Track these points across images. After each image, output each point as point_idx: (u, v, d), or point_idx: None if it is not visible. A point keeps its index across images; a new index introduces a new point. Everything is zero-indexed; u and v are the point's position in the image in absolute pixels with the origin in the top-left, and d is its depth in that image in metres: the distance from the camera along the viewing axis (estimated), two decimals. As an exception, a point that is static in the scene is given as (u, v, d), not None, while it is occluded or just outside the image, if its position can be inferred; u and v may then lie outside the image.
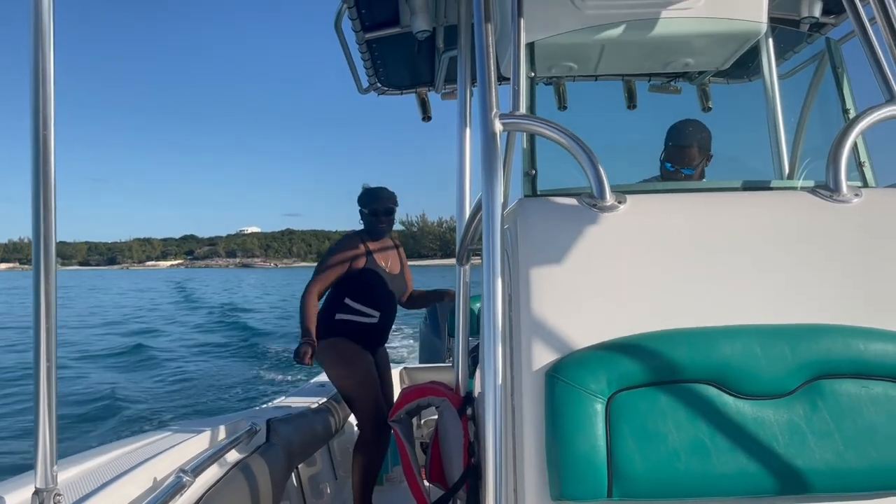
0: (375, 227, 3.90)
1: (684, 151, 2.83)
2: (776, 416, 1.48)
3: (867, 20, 1.82)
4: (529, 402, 1.55)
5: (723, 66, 2.35)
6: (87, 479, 1.79)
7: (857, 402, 1.48)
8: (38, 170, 1.30)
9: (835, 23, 2.72)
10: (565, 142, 1.61)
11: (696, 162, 2.83)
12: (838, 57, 2.11)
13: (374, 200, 3.93)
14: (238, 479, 2.21)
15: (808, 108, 2.37)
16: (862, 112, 1.69)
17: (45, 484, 1.35)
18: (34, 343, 1.31)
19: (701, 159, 2.84)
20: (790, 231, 1.63)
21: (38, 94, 1.29)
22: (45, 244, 1.30)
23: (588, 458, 1.45)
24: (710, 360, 1.48)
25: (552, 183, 1.94)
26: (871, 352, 1.50)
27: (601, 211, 1.63)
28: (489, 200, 1.49)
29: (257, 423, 2.71)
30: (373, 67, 3.29)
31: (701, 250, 1.61)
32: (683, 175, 2.82)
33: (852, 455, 1.45)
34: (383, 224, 3.91)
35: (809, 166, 2.35)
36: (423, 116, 3.79)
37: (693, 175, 2.83)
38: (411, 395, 2.54)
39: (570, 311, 1.57)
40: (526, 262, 1.60)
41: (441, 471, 2.47)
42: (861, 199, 1.66)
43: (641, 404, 1.48)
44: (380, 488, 4.28)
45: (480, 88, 1.65)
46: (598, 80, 2.98)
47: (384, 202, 3.94)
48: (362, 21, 2.74)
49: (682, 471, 1.45)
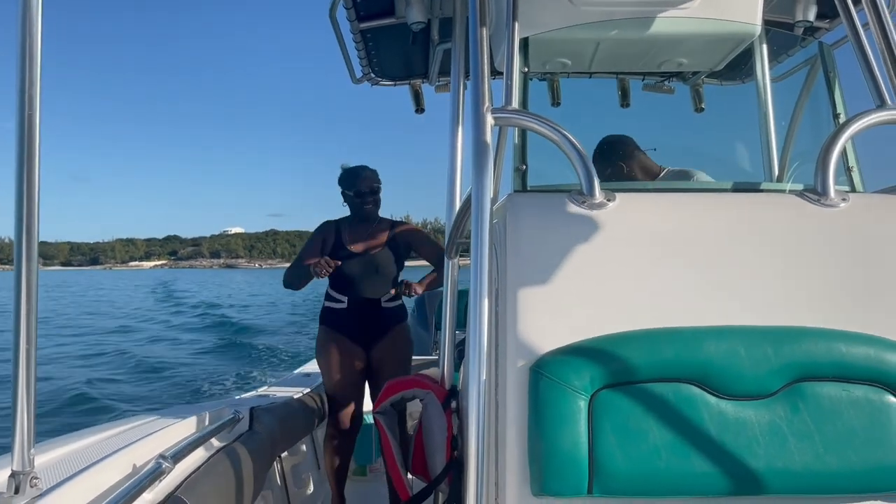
0: (360, 210, 3.73)
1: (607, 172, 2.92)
2: (757, 416, 1.48)
3: (860, 26, 1.83)
4: (513, 397, 1.55)
5: (716, 67, 2.35)
6: (65, 463, 1.77)
7: (838, 405, 1.49)
8: (21, 169, 1.29)
9: (829, 27, 2.73)
10: (556, 138, 1.60)
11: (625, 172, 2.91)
12: (830, 61, 2.12)
13: (356, 181, 3.72)
14: (219, 466, 2.20)
15: (799, 112, 2.38)
16: (852, 117, 1.70)
17: (22, 467, 1.34)
18: (14, 326, 1.29)
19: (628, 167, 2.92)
20: (777, 233, 1.64)
21: (24, 93, 1.28)
22: (28, 230, 1.30)
23: (570, 455, 1.46)
24: (693, 360, 1.49)
25: (543, 179, 1.94)
26: (853, 355, 1.51)
27: (590, 208, 1.63)
28: (478, 194, 1.49)
29: (240, 410, 2.70)
30: (367, 58, 3.27)
31: (688, 250, 1.62)
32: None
33: (831, 457, 1.46)
34: (369, 205, 3.72)
35: (799, 169, 2.36)
36: (417, 108, 3.78)
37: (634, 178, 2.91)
38: (396, 387, 2.53)
39: (556, 307, 1.58)
40: (513, 258, 1.60)
41: (423, 463, 2.47)
42: (848, 204, 1.66)
43: (624, 402, 1.48)
44: (363, 479, 4.29)
45: (473, 82, 1.65)
46: (592, 77, 2.98)
47: (367, 182, 3.72)
48: (357, 10, 2.73)
49: (662, 469, 1.45)
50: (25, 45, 1.29)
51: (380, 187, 3.76)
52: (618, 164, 2.94)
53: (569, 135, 1.60)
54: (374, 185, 3.73)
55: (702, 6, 1.97)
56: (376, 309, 3.73)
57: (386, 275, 3.75)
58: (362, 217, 3.75)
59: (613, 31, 2.03)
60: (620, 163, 2.94)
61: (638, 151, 2.99)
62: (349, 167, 3.80)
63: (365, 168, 3.77)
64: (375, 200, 3.74)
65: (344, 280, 3.70)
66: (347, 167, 3.80)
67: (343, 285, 3.72)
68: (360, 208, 3.72)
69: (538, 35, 1.98)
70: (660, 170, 3.00)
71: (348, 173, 3.77)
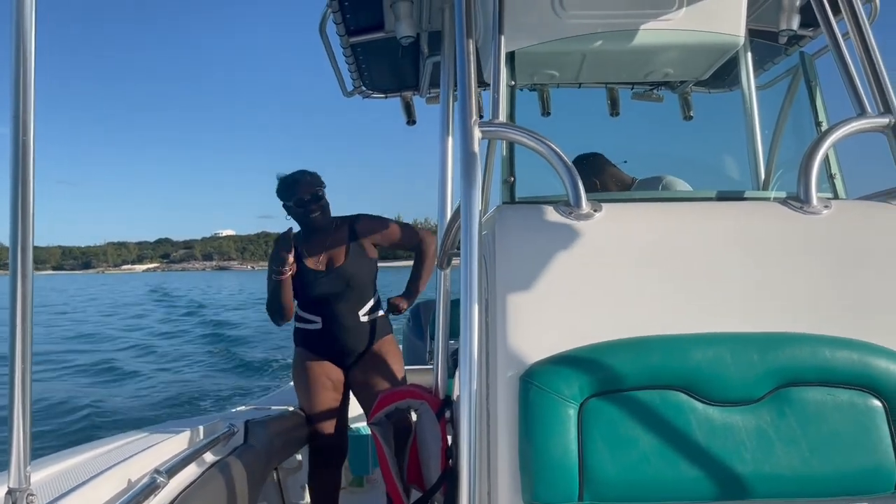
0: (307, 219, 3.34)
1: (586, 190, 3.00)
2: (744, 422, 1.50)
3: (840, 35, 1.86)
4: (504, 407, 1.57)
5: (702, 76, 2.38)
6: (61, 480, 1.79)
7: (823, 409, 1.51)
8: (16, 176, 1.30)
9: (812, 35, 2.76)
10: (542, 150, 1.63)
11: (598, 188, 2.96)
12: (812, 71, 2.16)
13: (295, 189, 3.32)
14: (214, 479, 2.21)
15: (782, 120, 2.42)
16: (833, 125, 1.73)
17: (19, 484, 1.35)
18: (10, 344, 1.31)
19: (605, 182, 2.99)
20: (761, 241, 1.66)
21: (18, 98, 1.29)
22: (23, 244, 1.31)
23: (560, 463, 1.47)
24: (680, 367, 1.51)
25: (532, 190, 1.97)
26: (838, 360, 1.53)
27: (577, 219, 1.66)
28: (467, 206, 1.51)
29: (235, 424, 2.71)
30: (357, 71, 3.30)
31: (675, 258, 1.64)
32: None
33: (818, 461, 1.48)
34: (315, 213, 3.31)
35: (783, 177, 2.39)
36: (408, 120, 3.80)
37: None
38: (390, 397, 2.55)
39: (545, 316, 1.60)
40: (502, 268, 1.62)
41: (419, 473, 2.49)
42: (831, 211, 1.69)
43: (613, 409, 1.50)
44: (360, 490, 4.29)
45: (461, 96, 1.68)
46: (581, 87, 3.01)
47: (306, 188, 3.32)
48: (347, 25, 2.76)
49: (651, 475, 1.47)
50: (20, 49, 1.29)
51: (322, 191, 3.36)
52: (591, 181, 2.98)
53: (555, 147, 1.63)
54: (316, 190, 3.33)
55: (686, 17, 2.00)
56: (355, 324, 3.37)
57: (360, 286, 3.37)
58: (313, 228, 3.37)
59: (599, 43, 2.06)
60: (594, 179, 2.99)
61: (609, 166, 3.04)
62: (284, 175, 3.41)
63: (303, 173, 3.38)
64: (321, 207, 3.34)
65: (314, 301, 3.38)
66: (282, 175, 3.42)
67: (314, 305, 3.39)
68: (306, 219, 3.35)
69: (525, 48, 2.01)
70: (632, 181, 3.05)
71: (284, 183, 3.38)
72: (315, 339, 3.41)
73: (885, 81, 1.73)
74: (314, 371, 3.40)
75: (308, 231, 3.40)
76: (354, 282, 3.35)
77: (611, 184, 3.02)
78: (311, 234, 3.39)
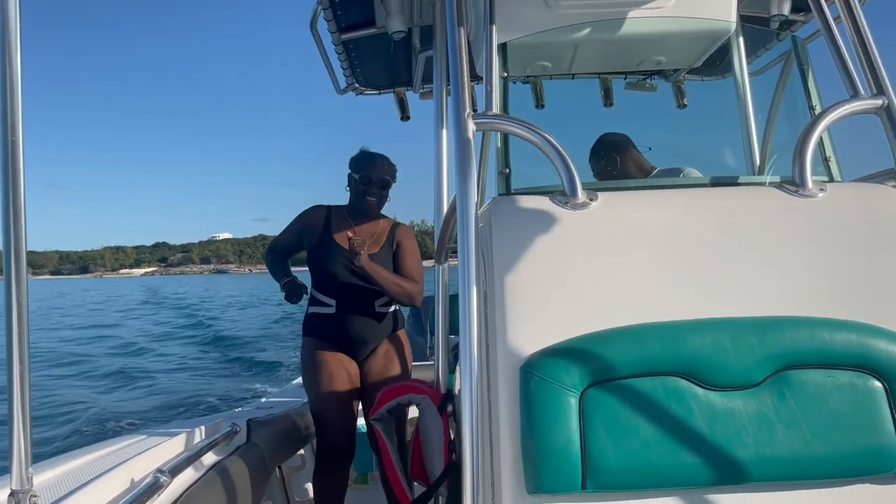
0: (360, 199, 3.24)
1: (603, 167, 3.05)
2: (745, 406, 1.51)
3: (832, 19, 1.86)
4: (505, 398, 1.57)
5: (695, 63, 2.38)
6: (64, 481, 1.79)
7: (823, 392, 1.52)
8: (6, 177, 1.29)
9: (804, 20, 2.76)
10: (537, 140, 1.63)
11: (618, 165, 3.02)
12: (804, 55, 2.15)
13: (367, 165, 3.23)
14: (217, 479, 2.21)
15: (776, 105, 2.42)
16: (827, 108, 1.73)
17: (21, 485, 1.35)
18: (6, 346, 1.31)
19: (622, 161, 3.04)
20: (757, 225, 1.66)
21: (5, 99, 1.28)
22: (16, 247, 1.31)
23: (562, 452, 1.48)
24: (680, 354, 1.51)
25: (528, 181, 1.97)
26: (836, 342, 1.53)
27: (573, 208, 1.66)
28: (463, 199, 1.51)
29: (237, 423, 2.71)
30: (350, 68, 3.30)
31: (671, 245, 1.64)
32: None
33: (819, 443, 1.49)
34: (372, 196, 3.23)
35: (778, 162, 2.39)
36: (402, 116, 3.80)
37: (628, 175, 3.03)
38: (391, 393, 2.55)
39: (543, 307, 1.60)
40: (500, 260, 1.62)
41: (422, 468, 2.49)
42: (826, 194, 1.69)
43: (614, 397, 1.50)
44: (364, 487, 4.28)
45: (454, 89, 1.68)
46: (574, 78, 3.01)
47: (379, 170, 3.22)
48: (338, 22, 2.76)
49: (654, 462, 1.47)
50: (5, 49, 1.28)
51: (391, 182, 3.29)
52: (612, 156, 3.04)
53: (549, 137, 1.63)
54: (386, 178, 3.25)
55: (676, 5, 2.00)
56: (369, 314, 3.25)
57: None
58: (361, 208, 3.27)
59: (591, 33, 2.06)
60: (615, 155, 3.04)
61: (633, 149, 3.08)
62: (368, 151, 3.34)
63: (384, 158, 3.29)
64: (381, 195, 3.27)
65: (332, 280, 3.22)
66: (367, 150, 3.35)
67: (330, 286, 3.23)
68: (361, 197, 3.24)
69: (517, 39, 2.01)
70: (651, 168, 3.07)
71: (363, 156, 3.30)
72: (328, 325, 3.25)
73: (878, 63, 1.73)
74: (329, 363, 3.22)
75: (355, 210, 3.30)
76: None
77: (631, 167, 3.04)
78: (355, 214, 3.30)
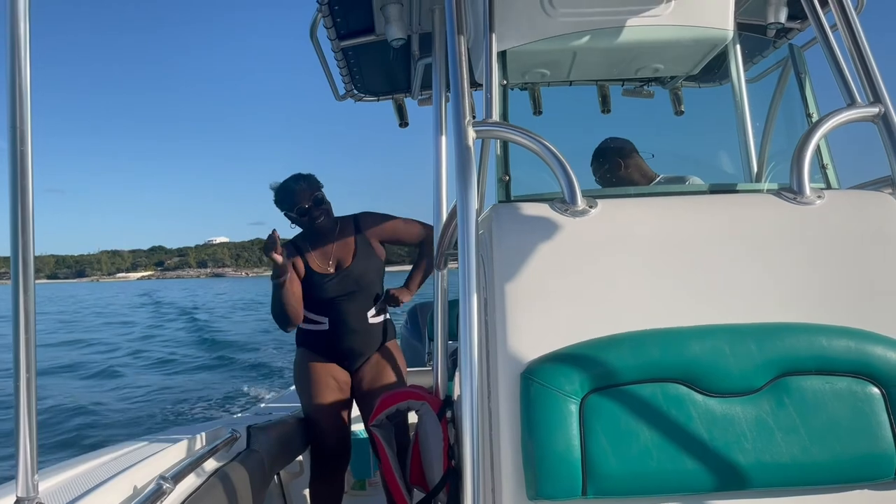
0: (311, 227, 3.28)
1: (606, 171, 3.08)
2: (744, 412, 1.52)
3: (829, 27, 1.88)
4: (505, 404, 1.58)
5: (692, 71, 2.39)
6: (68, 488, 1.79)
7: (822, 398, 1.53)
8: (15, 187, 1.30)
9: (801, 28, 2.78)
10: (536, 148, 1.64)
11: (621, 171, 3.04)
12: (801, 62, 2.17)
13: (293, 198, 3.24)
14: (218, 485, 2.22)
15: (773, 112, 2.43)
16: (824, 116, 1.74)
17: (27, 493, 1.36)
18: (14, 354, 1.31)
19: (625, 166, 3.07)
20: (756, 232, 1.68)
21: (14, 109, 1.29)
22: (24, 256, 1.32)
23: (563, 458, 1.48)
24: (679, 360, 1.52)
25: (528, 188, 1.98)
26: (835, 348, 1.54)
27: (573, 216, 1.67)
28: (463, 207, 1.52)
29: (237, 429, 2.71)
30: (349, 75, 3.31)
31: (670, 252, 1.65)
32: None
33: (818, 449, 1.50)
34: (319, 219, 3.24)
35: (775, 169, 2.40)
36: (400, 122, 3.81)
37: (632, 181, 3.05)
38: (390, 399, 2.55)
39: (543, 313, 1.60)
40: (500, 267, 1.63)
41: (422, 474, 2.49)
42: (824, 201, 1.70)
43: (614, 404, 1.51)
44: (362, 494, 4.28)
45: (454, 97, 1.69)
46: (572, 85, 3.03)
47: (304, 195, 3.23)
48: (337, 29, 2.76)
49: (654, 468, 1.48)
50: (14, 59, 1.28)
51: (322, 194, 3.27)
52: (616, 161, 3.06)
53: (549, 144, 1.64)
54: (315, 195, 3.24)
55: (674, 13, 2.02)
56: (363, 327, 3.33)
57: (368, 285, 3.34)
58: (316, 232, 3.30)
59: (589, 41, 2.07)
60: (619, 160, 3.07)
61: (637, 156, 3.10)
62: (278, 185, 3.31)
63: (297, 179, 3.28)
64: (324, 211, 3.26)
65: (322, 302, 3.31)
66: (276, 185, 3.32)
67: (321, 307, 3.32)
68: (311, 225, 3.28)
69: (515, 47, 2.02)
70: (655, 175, 3.09)
71: (281, 193, 3.29)
72: (321, 340, 3.33)
73: (874, 71, 1.74)
74: (319, 372, 3.32)
75: (312, 234, 3.32)
76: (363, 281, 3.31)
77: (634, 172, 3.07)
78: (314, 237, 3.33)
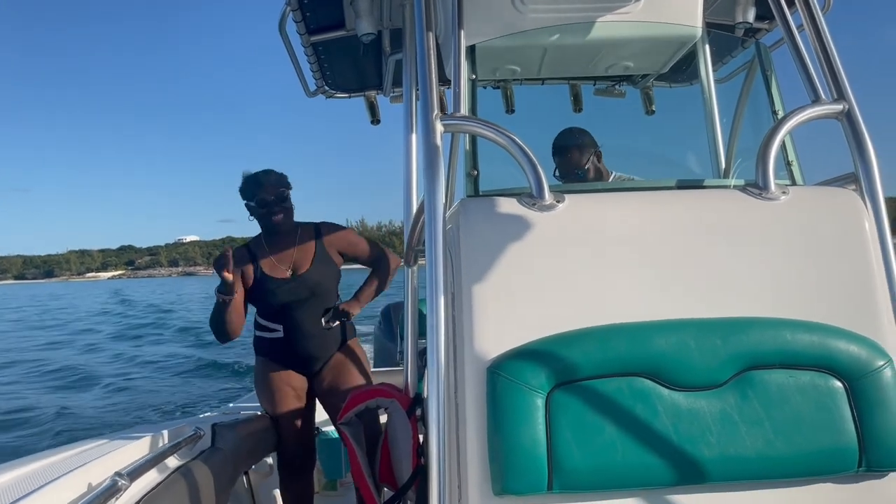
0: (269, 222, 3.19)
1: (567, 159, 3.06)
2: (709, 406, 1.52)
3: (795, 27, 1.90)
4: (472, 399, 1.57)
5: (662, 69, 2.41)
6: (19, 485, 1.74)
7: (786, 392, 1.54)
8: None
9: (769, 28, 2.81)
10: (504, 142, 1.63)
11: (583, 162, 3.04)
12: (768, 61, 2.19)
13: (258, 189, 3.16)
14: (179, 483, 2.17)
15: (741, 110, 2.45)
16: (789, 113, 1.76)
17: None
18: None
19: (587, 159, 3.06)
20: (721, 228, 1.69)
21: None
22: None
23: (528, 453, 1.47)
24: (645, 354, 1.52)
25: (496, 183, 1.97)
26: (798, 342, 1.56)
27: (540, 210, 1.66)
28: (430, 201, 1.51)
29: (202, 427, 2.67)
30: (319, 70, 3.28)
31: (637, 247, 1.66)
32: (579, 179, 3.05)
33: (782, 443, 1.51)
34: (277, 216, 3.16)
35: (742, 165, 2.43)
36: (372, 120, 3.79)
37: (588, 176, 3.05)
38: (359, 397, 2.53)
39: (510, 308, 1.60)
40: (468, 262, 1.62)
41: (391, 471, 2.48)
42: (788, 197, 1.72)
43: (580, 398, 1.51)
44: (333, 494, 4.26)
45: (422, 91, 1.67)
46: (543, 83, 3.03)
47: (271, 189, 3.16)
48: (307, 24, 2.73)
49: (619, 462, 1.48)
50: None
51: (288, 193, 3.22)
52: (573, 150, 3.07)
53: (516, 138, 1.63)
54: (281, 191, 3.18)
55: (644, 10, 2.03)
56: (318, 332, 3.26)
57: (324, 293, 3.27)
58: (274, 231, 3.22)
59: (559, 37, 2.07)
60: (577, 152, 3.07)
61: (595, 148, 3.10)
62: (250, 174, 3.26)
63: (269, 173, 3.23)
64: (285, 209, 3.19)
65: (275, 309, 3.24)
66: (248, 174, 3.27)
67: (275, 313, 3.26)
68: (268, 221, 3.19)
69: (485, 42, 2.01)
70: (608, 174, 3.10)
71: (248, 181, 3.23)
72: (277, 347, 3.29)
73: (839, 69, 1.76)
74: (276, 381, 3.29)
75: (270, 235, 3.25)
76: (319, 289, 3.25)
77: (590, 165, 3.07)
78: (273, 239, 3.25)
